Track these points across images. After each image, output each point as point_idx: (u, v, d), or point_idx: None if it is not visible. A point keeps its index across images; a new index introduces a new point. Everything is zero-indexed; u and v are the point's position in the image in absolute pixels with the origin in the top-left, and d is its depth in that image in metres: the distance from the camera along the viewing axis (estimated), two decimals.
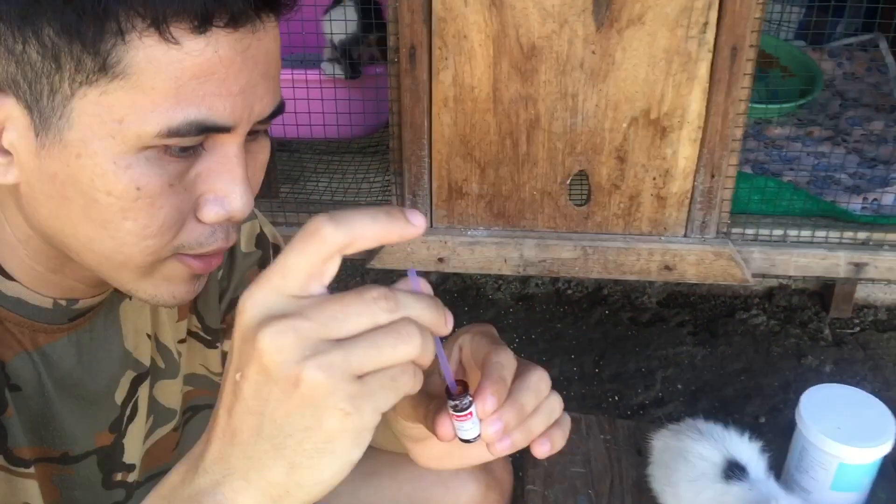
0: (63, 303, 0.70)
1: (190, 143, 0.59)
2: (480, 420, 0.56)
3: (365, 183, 1.57)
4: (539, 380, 0.60)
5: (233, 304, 0.90)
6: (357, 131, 1.52)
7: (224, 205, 0.62)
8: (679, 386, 1.94)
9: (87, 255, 0.64)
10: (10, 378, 0.68)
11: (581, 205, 1.31)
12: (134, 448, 0.82)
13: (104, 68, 0.56)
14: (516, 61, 1.20)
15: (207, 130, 0.59)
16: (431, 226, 1.34)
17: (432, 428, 0.59)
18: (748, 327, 2.09)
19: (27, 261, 0.67)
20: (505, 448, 0.58)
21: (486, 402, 0.56)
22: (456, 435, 0.57)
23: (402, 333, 0.48)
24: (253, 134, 0.64)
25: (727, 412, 1.86)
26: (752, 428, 1.01)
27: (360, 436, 0.49)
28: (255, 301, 0.49)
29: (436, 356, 0.51)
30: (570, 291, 2.20)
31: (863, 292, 2.14)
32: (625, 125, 1.23)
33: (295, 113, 1.37)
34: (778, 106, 1.66)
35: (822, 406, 0.98)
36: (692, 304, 2.17)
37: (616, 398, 1.90)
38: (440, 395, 0.59)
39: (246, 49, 0.59)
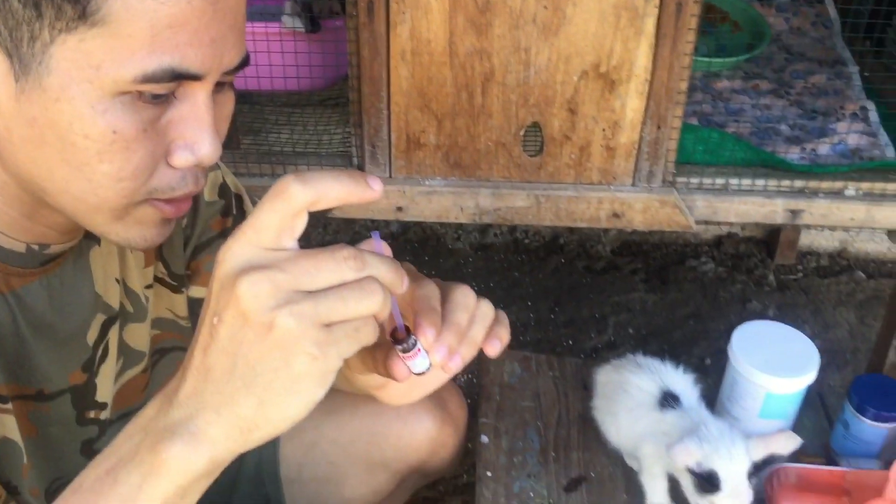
0: (35, 247, 0.73)
1: (163, 89, 0.61)
2: (427, 352, 0.61)
3: (325, 135, 1.60)
4: (464, 295, 0.66)
5: (197, 251, 0.94)
6: (317, 83, 1.55)
7: (193, 151, 0.65)
8: (630, 330, 2.03)
9: (62, 198, 0.66)
10: None
11: (534, 155, 1.36)
12: (105, 387, 0.85)
13: (83, 16, 0.58)
14: (471, 15, 1.23)
15: (180, 77, 0.61)
16: (390, 176, 1.38)
17: (387, 373, 0.64)
18: (697, 274, 2.18)
19: (1, 206, 0.69)
20: (457, 365, 0.64)
21: (426, 335, 0.61)
22: (411, 372, 0.62)
23: (367, 290, 0.54)
24: (220, 85, 0.67)
25: (675, 355, 1.92)
26: (698, 369, 1.08)
27: (325, 377, 0.54)
28: (233, 253, 0.54)
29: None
30: (527, 241, 2.27)
31: (806, 239, 2.23)
32: (575, 78, 1.28)
33: (256, 66, 1.39)
34: (724, 60, 1.71)
35: (751, 341, 1.05)
36: (644, 252, 2.25)
37: (570, 342, 1.98)
38: (382, 343, 0.64)
39: (217, 1, 0.61)
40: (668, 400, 0.97)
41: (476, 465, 1.06)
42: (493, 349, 0.66)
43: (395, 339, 0.61)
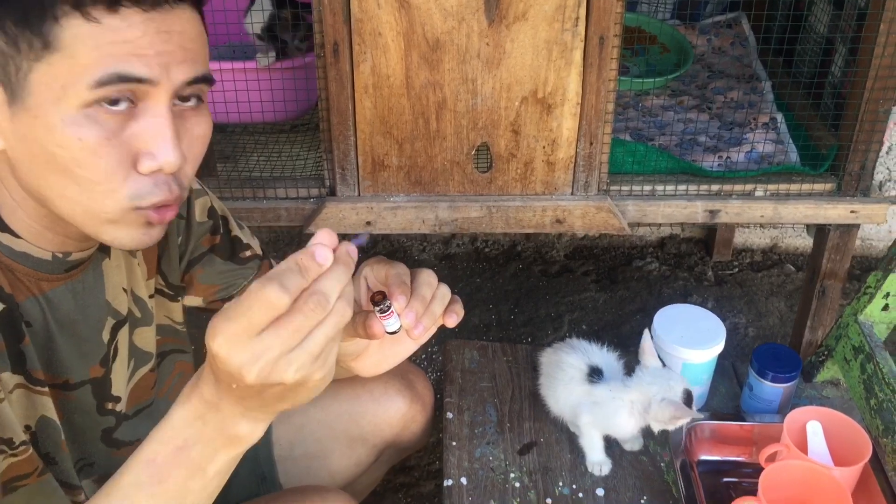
0: (60, 255, 0.87)
1: (115, 93, 0.73)
2: (398, 315, 0.79)
3: (296, 159, 1.77)
4: (429, 276, 0.83)
5: (190, 265, 1.09)
6: (289, 115, 1.73)
7: (155, 158, 0.76)
8: (584, 327, 2.21)
9: (61, 204, 0.79)
10: (24, 316, 0.86)
11: (485, 171, 1.55)
12: (119, 383, 0.99)
13: (47, 46, 0.71)
14: (424, 53, 1.42)
15: (128, 80, 0.73)
16: (359, 195, 1.56)
17: (365, 333, 0.82)
18: (643, 273, 2.38)
19: (26, 220, 0.84)
20: (420, 332, 0.81)
21: (398, 300, 0.79)
22: (385, 331, 0.80)
23: (338, 314, 0.65)
24: (186, 101, 0.79)
25: (625, 347, 2.13)
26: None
27: (330, 373, 0.69)
28: (230, 351, 0.64)
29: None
30: (487, 250, 2.45)
31: (741, 238, 2.44)
32: (517, 104, 1.47)
33: (236, 102, 1.57)
34: (654, 80, 1.92)
35: (670, 321, 1.24)
36: (595, 255, 2.44)
37: (529, 339, 2.16)
38: (359, 312, 0.82)
39: (158, 27, 0.73)
40: (594, 374, 1.15)
41: (443, 437, 1.24)
42: (451, 321, 0.84)
43: (373, 301, 0.79)
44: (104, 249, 0.94)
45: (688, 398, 1.10)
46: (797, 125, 1.74)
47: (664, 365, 1.14)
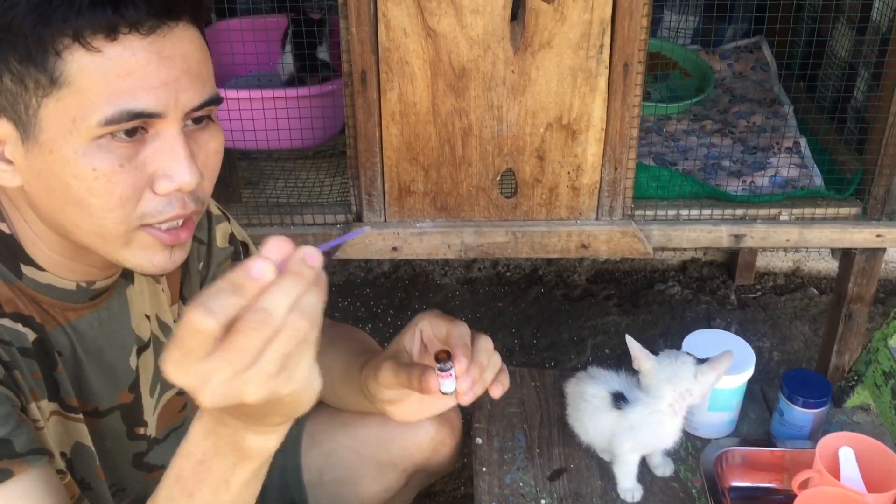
0: (84, 284, 0.88)
1: (127, 126, 0.74)
2: (456, 378, 0.81)
3: (320, 185, 1.78)
4: (486, 343, 0.86)
5: None
6: (316, 141, 1.75)
7: (172, 178, 0.77)
8: (606, 351, 2.21)
9: (78, 234, 0.81)
10: (54, 345, 0.86)
11: (510, 197, 1.56)
12: (148, 407, 1.00)
13: (53, 81, 0.72)
14: (450, 81, 1.44)
15: (138, 116, 0.74)
16: (385, 220, 1.57)
17: (419, 386, 0.83)
18: (665, 297, 2.37)
19: (48, 252, 0.85)
20: (470, 398, 0.83)
21: (461, 363, 0.81)
22: (439, 390, 0.82)
23: (291, 329, 0.59)
24: (198, 122, 0.80)
25: None
26: None
27: (308, 388, 0.63)
28: (176, 373, 0.60)
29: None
30: (508, 273, 2.46)
31: (763, 261, 2.44)
32: (542, 130, 1.48)
33: (265, 130, 1.59)
34: (677, 104, 1.93)
35: (698, 346, 1.24)
36: (617, 279, 2.44)
37: (553, 364, 2.16)
38: (412, 365, 0.84)
39: (160, 51, 0.73)
40: (618, 399, 1.15)
41: (472, 463, 1.24)
42: (497, 391, 0.88)
43: (437, 359, 0.81)
44: (128, 276, 0.95)
45: (700, 361, 1.12)
46: (821, 149, 1.75)
47: (655, 354, 1.16)
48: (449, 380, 0.81)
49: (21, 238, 0.85)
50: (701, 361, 1.13)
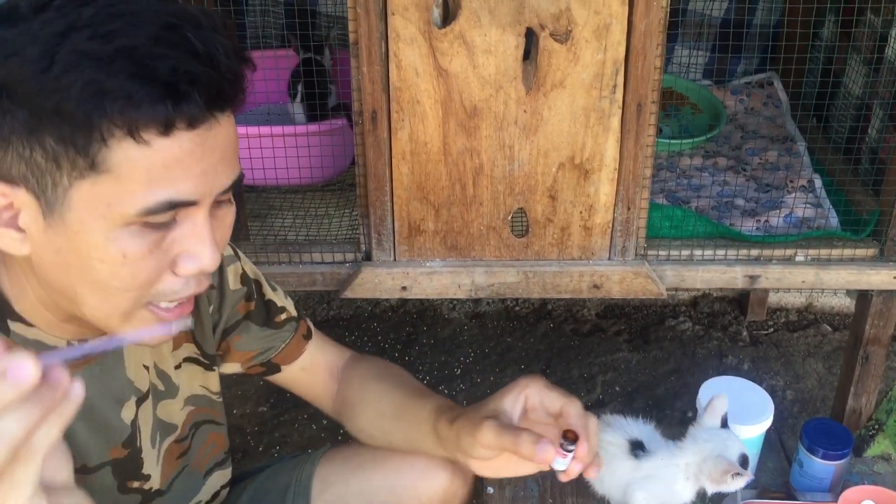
0: (75, 343, 0.85)
1: (163, 218, 0.73)
2: (571, 458, 0.84)
3: (328, 219, 1.76)
4: (595, 426, 0.89)
5: (226, 333, 1.09)
6: (326, 177, 1.74)
7: (197, 262, 0.76)
8: (617, 388, 2.18)
9: (83, 308, 0.79)
10: None
11: (521, 236, 1.54)
12: (150, 460, 0.98)
13: (93, 166, 0.70)
14: (461, 120, 1.42)
15: (176, 206, 0.73)
16: (395, 259, 1.55)
17: (528, 453, 0.84)
18: (676, 333, 2.35)
19: (44, 311, 0.82)
20: (573, 476, 0.87)
21: (582, 448, 0.85)
22: (551, 464, 0.84)
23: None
24: (218, 203, 0.79)
25: (659, 409, 2.10)
26: (681, 421, 1.24)
27: (26, 498, 0.53)
28: None
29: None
30: (517, 308, 2.43)
31: (775, 297, 2.41)
32: (554, 169, 1.47)
33: (274, 167, 1.58)
34: (689, 140, 1.91)
35: (714, 393, 1.21)
36: (627, 314, 2.42)
37: None
38: (518, 430, 0.87)
39: (204, 141, 0.73)
40: (637, 448, 1.12)
41: None
42: (592, 473, 0.90)
43: (565, 437, 0.83)
44: None
45: (744, 461, 1.07)
46: (836, 189, 1.73)
47: (725, 426, 1.12)
48: (566, 458, 0.83)
49: (10, 294, 0.82)
50: (745, 460, 1.10)
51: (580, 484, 1.23)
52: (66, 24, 0.69)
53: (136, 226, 0.73)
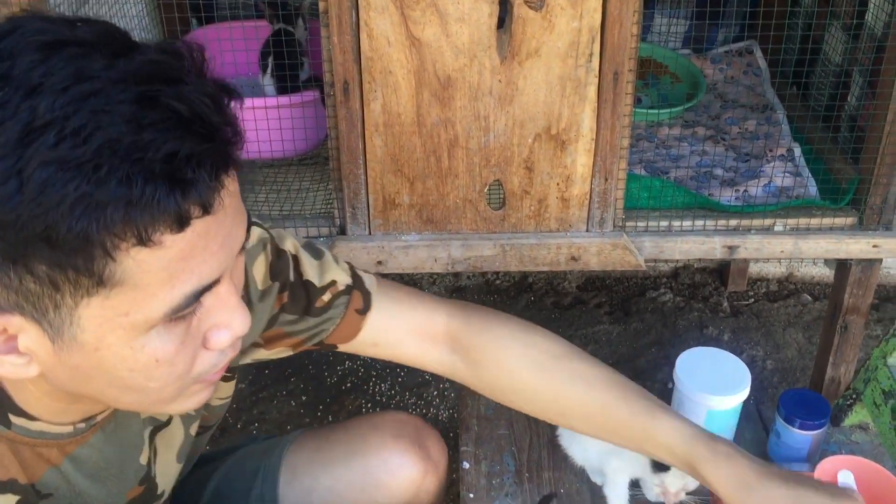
0: (82, 425, 0.78)
1: (190, 309, 0.65)
2: None
3: (304, 192, 1.73)
4: None
5: (267, 329, 0.96)
6: (298, 149, 1.70)
7: (229, 332, 0.69)
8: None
9: (116, 404, 0.72)
10: (41, 491, 0.76)
11: (498, 209, 1.52)
12: (164, 479, 0.93)
13: (101, 283, 0.60)
14: (435, 91, 1.39)
15: (203, 292, 0.65)
16: (370, 234, 1.53)
17: None
18: (657, 305, 2.34)
19: (48, 402, 0.73)
20: None
21: None
22: None
23: None
24: None
25: (641, 380, 2.07)
26: (661, 393, 1.22)
27: None
28: None
29: None
30: (498, 282, 2.42)
31: (756, 268, 2.41)
32: (530, 140, 1.44)
33: (245, 140, 1.54)
34: (668, 110, 1.89)
35: (693, 366, 1.20)
36: (607, 286, 2.41)
37: None
38: None
39: (216, 216, 0.63)
40: None
41: (459, 488, 1.20)
42: None
43: None
44: None
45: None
46: (815, 157, 1.71)
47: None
48: None
49: (10, 389, 0.74)
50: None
51: (557, 457, 1.22)
52: (21, 127, 0.57)
53: (162, 325, 0.65)
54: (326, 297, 0.98)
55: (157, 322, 0.64)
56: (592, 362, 1.03)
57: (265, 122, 1.55)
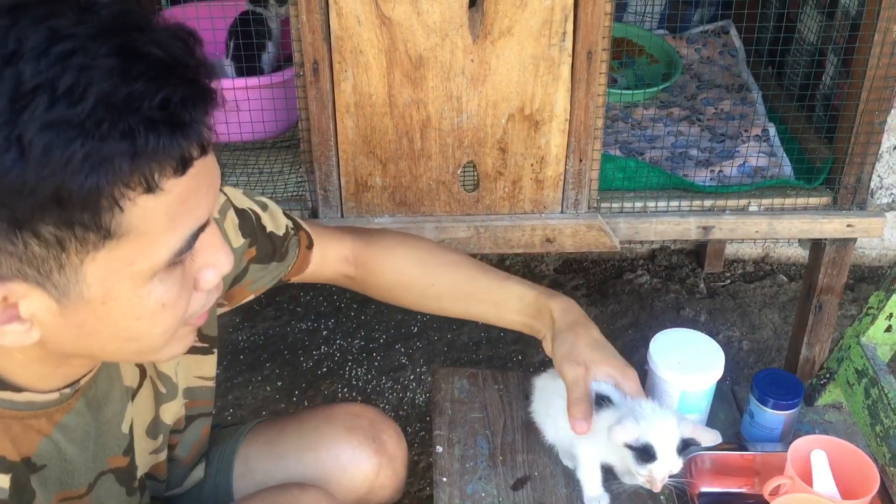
0: (67, 390, 0.78)
1: (191, 249, 0.69)
2: None
3: (280, 176, 1.71)
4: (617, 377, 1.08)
5: (232, 285, 1.03)
6: (270, 133, 1.68)
7: (217, 270, 0.73)
8: None
9: (113, 357, 0.74)
10: (36, 464, 0.77)
11: (471, 191, 1.50)
12: (142, 458, 0.94)
13: (108, 235, 0.62)
14: (407, 71, 1.37)
15: (199, 233, 0.68)
16: (342, 216, 1.51)
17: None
18: (634, 286, 2.34)
19: (36, 367, 0.74)
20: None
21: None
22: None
23: None
24: None
25: None
26: (638, 374, 1.21)
27: None
28: None
29: None
30: None
31: (732, 249, 2.41)
32: (504, 121, 1.43)
33: (214, 122, 1.51)
34: (643, 91, 1.88)
35: (666, 347, 1.20)
36: (585, 269, 2.40)
37: (519, 357, 2.11)
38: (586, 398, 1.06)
39: (204, 161, 0.66)
40: (601, 400, 1.08)
41: (433, 472, 1.19)
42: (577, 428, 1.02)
43: None
44: None
45: (648, 451, 1.01)
46: (790, 137, 1.71)
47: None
48: None
49: None
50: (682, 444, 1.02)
51: (531, 440, 1.21)
52: (9, 94, 0.57)
53: (164, 270, 0.67)
54: (287, 243, 1.09)
55: (160, 268, 0.67)
56: (458, 252, 1.22)
57: (234, 102, 1.52)
